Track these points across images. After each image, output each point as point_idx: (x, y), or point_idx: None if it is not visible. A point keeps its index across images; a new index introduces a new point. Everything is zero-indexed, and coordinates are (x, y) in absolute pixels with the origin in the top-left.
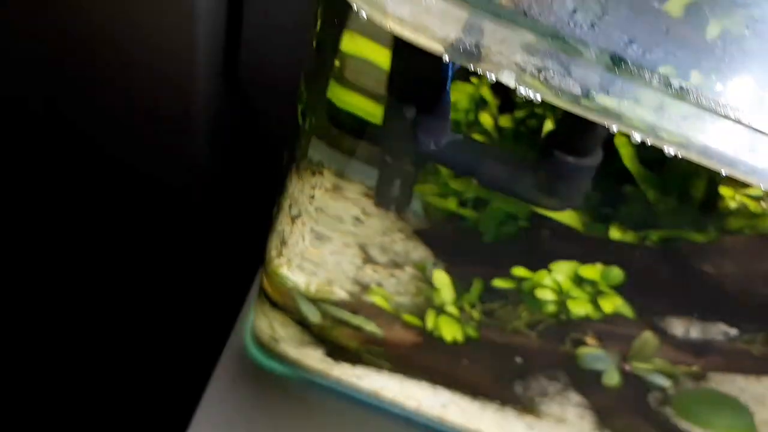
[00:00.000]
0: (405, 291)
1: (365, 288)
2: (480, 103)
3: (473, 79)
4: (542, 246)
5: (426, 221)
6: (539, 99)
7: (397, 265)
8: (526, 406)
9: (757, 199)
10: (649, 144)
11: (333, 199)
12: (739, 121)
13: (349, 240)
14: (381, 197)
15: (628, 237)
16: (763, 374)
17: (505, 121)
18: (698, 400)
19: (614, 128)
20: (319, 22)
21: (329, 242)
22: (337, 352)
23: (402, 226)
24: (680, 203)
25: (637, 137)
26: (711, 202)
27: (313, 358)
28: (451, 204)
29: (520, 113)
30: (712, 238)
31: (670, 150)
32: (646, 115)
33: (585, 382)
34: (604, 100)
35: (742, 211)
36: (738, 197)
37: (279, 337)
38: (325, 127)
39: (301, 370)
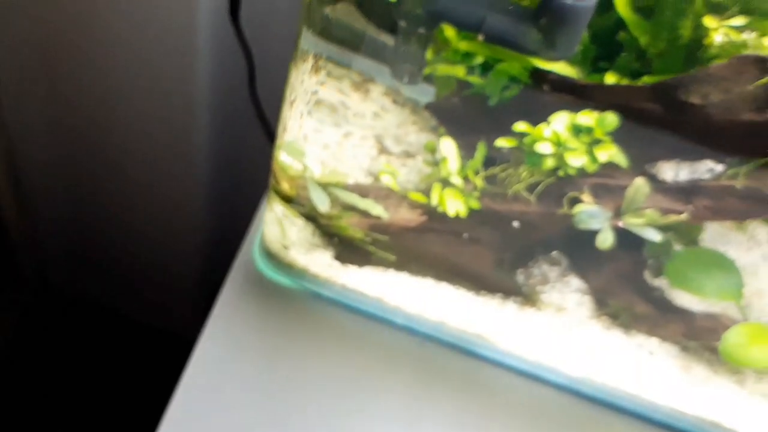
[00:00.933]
0: (414, 175)
1: (374, 174)
2: None
3: None
4: (542, 101)
5: (440, 96)
6: None
7: (409, 154)
8: (527, 297)
9: (738, 29)
10: None
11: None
12: None
13: (359, 130)
14: (395, 70)
15: (622, 82)
16: (749, 217)
17: None
18: (690, 263)
19: None
20: None
21: (326, 127)
22: (345, 252)
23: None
24: (670, 45)
25: None
26: (697, 39)
27: (321, 264)
28: (460, 71)
29: None
30: (697, 69)
31: None
32: None
33: (582, 254)
34: None
35: (725, 43)
36: (721, 29)
37: (288, 243)
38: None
39: (309, 281)
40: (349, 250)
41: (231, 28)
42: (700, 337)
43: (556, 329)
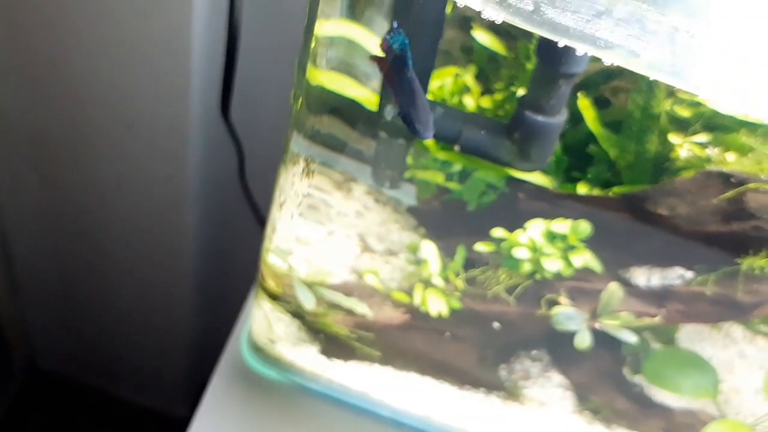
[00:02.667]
0: (397, 273)
1: (358, 272)
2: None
3: (457, 69)
4: (518, 208)
5: (421, 199)
6: (499, 20)
7: (392, 252)
8: (510, 392)
9: (702, 145)
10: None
11: (314, 185)
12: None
13: (343, 229)
14: (376, 176)
15: (594, 192)
16: (720, 320)
17: (485, 102)
18: (666, 362)
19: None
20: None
21: (314, 226)
22: (331, 347)
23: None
24: (638, 158)
25: (583, 49)
26: (663, 153)
27: (308, 358)
28: (439, 178)
29: (499, 96)
30: (664, 182)
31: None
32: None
33: (562, 352)
34: (551, 13)
35: (690, 157)
36: (686, 144)
37: (275, 338)
38: (308, 110)
39: (296, 374)
40: (334, 346)
41: (221, 122)
42: None
43: (539, 423)
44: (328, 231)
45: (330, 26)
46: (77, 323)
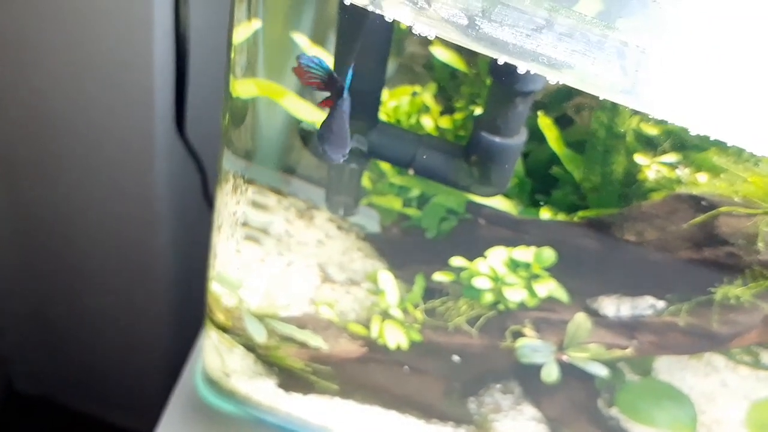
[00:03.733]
0: (354, 304)
1: (311, 302)
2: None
3: (417, 88)
4: (478, 235)
5: (383, 226)
6: (433, 35)
7: (352, 281)
8: (480, 426)
9: (671, 165)
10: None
11: (251, 207)
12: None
13: (279, 249)
14: (330, 202)
15: (558, 217)
16: (696, 352)
17: (445, 122)
18: (641, 394)
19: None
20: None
21: (255, 250)
22: (287, 380)
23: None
24: (604, 180)
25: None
26: (631, 175)
27: (265, 391)
28: (396, 203)
29: (459, 116)
30: (632, 206)
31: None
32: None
33: (532, 384)
34: (487, 27)
35: (659, 179)
36: (654, 165)
37: (229, 371)
38: (230, 124)
39: (253, 407)
40: (291, 379)
41: (179, 141)
42: None
43: None
44: (287, 262)
45: (242, 30)
46: (53, 345)
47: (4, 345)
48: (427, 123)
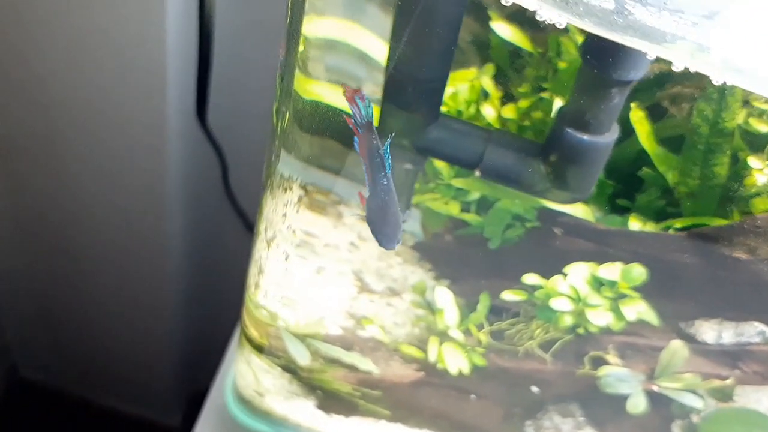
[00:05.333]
0: (403, 320)
1: (358, 320)
2: (481, 96)
3: (473, 69)
4: (554, 248)
5: (426, 233)
6: (563, 23)
7: (394, 292)
8: None
9: None
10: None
11: (310, 216)
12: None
13: (337, 265)
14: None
15: (649, 227)
16: None
17: (509, 111)
18: (727, 423)
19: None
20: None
21: (311, 266)
22: (329, 402)
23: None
24: (703, 184)
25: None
26: (737, 179)
27: (303, 413)
28: (454, 209)
29: (524, 103)
30: (742, 218)
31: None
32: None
33: (604, 414)
34: (641, 13)
35: None
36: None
37: (263, 391)
38: (295, 127)
39: (289, 429)
40: (334, 402)
41: (199, 129)
42: None
43: None
44: (317, 268)
45: (323, 25)
46: (58, 332)
47: (9, 332)
48: (489, 112)
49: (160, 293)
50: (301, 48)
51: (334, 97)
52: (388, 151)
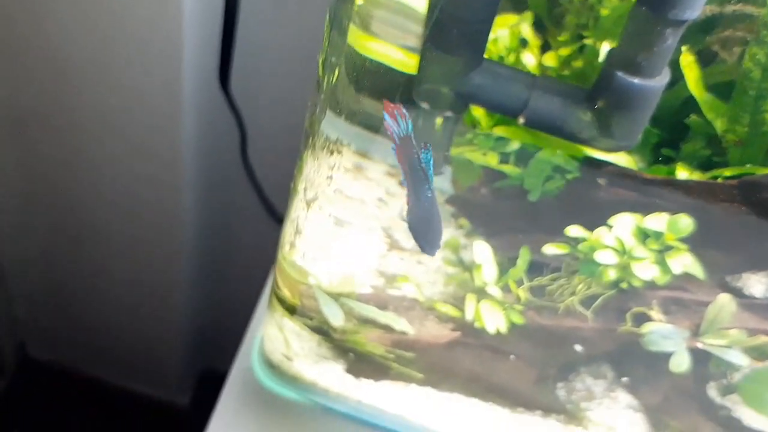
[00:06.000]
0: (436, 278)
1: (393, 278)
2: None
3: (513, 16)
4: (597, 199)
5: (460, 187)
6: None
7: None
8: (571, 415)
9: None
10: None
11: (353, 179)
12: None
13: (373, 224)
14: None
15: (696, 177)
16: None
17: (550, 59)
18: None
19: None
20: None
21: (350, 228)
22: (359, 365)
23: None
24: (752, 132)
25: None
26: None
27: (332, 377)
28: (492, 160)
29: (565, 51)
30: None
31: None
32: None
33: (638, 375)
34: None
35: None
36: None
37: (293, 354)
38: (350, 83)
39: (318, 395)
40: (365, 365)
41: (220, 94)
42: None
43: None
44: (350, 225)
45: None
46: (67, 310)
47: (18, 310)
48: (529, 60)
49: (172, 268)
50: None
51: (387, 53)
52: (431, 163)
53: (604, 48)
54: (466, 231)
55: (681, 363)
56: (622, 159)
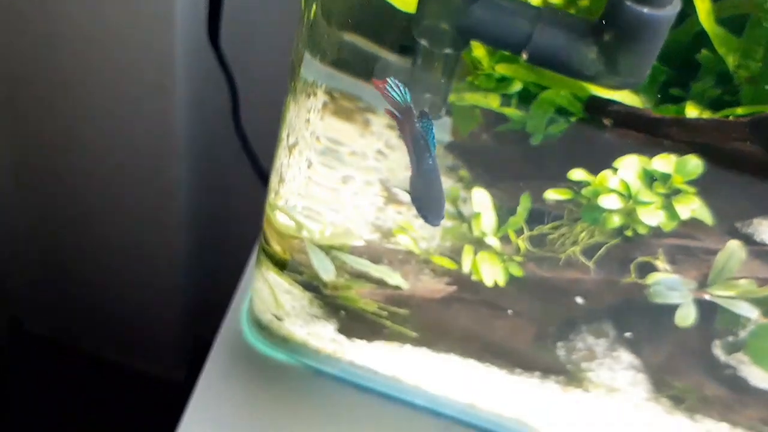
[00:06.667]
0: (433, 232)
1: (387, 232)
2: None
3: None
4: (603, 141)
5: (463, 133)
6: None
7: None
8: (572, 376)
9: None
10: None
11: (333, 121)
12: None
13: (363, 175)
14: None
15: (706, 116)
16: None
17: None
18: None
19: None
20: None
21: (335, 175)
22: (352, 325)
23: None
24: (766, 68)
25: None
26: None
27: (323, 338)
28: (494, 101)
29: None
30: None
31: None
32: None
33: (641, 333)
34: None
35: None
36: None
37: (283, 314)
38: (327, 21)
39: (309, 356)
40: (357, 324)
41: (210, 52)
42: None
43: (608, 413)
44: (343, 177)
45: None
46: (63, 284)
47: (14, 285)
48: None
49: (166, 236)
50: None
51: None
52: (432, 131)
53: None
54: (465, 183)
55: (687, 316)
56: (628, 98)
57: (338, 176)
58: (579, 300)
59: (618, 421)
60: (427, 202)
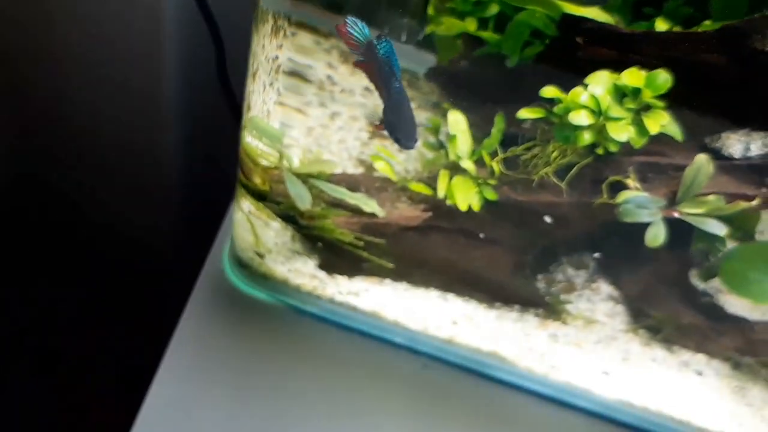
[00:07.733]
0: (415, 164)
1: (364, 163)
2: None
3: None
4: (575, 59)
5: (442, 61)
6: None
7: None
8: (550, 308)
9: None
10: None
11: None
12: None
13: (349, 110)
14: (390, 26)
15: (677, 28)
16: None
17: None
18: (752, 261)
19: None
20: None
21: (291, 100)
22: (331, 260)
23: None
24: None
25: None
26: None
27: (303, 274)
28: (470, 25)
29: None
30: None
31: None
32: None
33: (618, 262)
34: None
35: None
36: None
37: (263, 251)
38: None
39: (289, 294)
40: (336, 257)
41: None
42: (757, 352)
43: (586, 345)
44: (330, 113)
45: None
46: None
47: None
48: None
49: (155, 186)
50: None
51: None
52: (393, 52)
53: None
54: (443, 111)
55: (657, 235)
56: (601, 16)
57: (323, 111)
58: (547, 219)
59: (595, 355)
60: (398, 124)
